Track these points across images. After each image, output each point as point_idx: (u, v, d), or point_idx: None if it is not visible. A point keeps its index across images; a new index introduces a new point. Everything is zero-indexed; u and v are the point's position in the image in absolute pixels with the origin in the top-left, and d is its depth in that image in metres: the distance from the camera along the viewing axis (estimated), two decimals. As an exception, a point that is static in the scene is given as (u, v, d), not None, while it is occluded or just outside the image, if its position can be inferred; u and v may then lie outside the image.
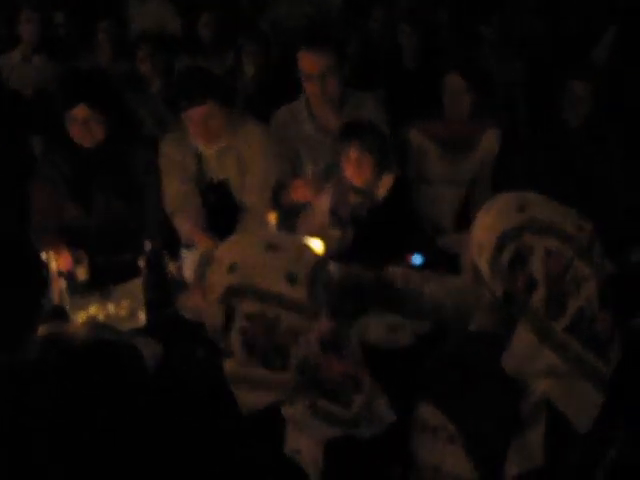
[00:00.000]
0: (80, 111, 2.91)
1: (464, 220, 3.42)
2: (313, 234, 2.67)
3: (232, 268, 1.48)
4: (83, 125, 2.92)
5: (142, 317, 2.51)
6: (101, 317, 2.52)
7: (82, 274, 2.78)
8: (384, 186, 2.98)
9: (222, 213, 3.17)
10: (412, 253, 2.65)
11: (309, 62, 3.20)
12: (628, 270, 2.69)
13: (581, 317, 1.49)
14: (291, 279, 1.45)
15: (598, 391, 1.49)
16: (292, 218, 3.09)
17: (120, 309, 2.56)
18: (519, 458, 1.48)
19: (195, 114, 2.96)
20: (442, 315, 2.15)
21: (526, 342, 1.50)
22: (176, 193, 3.10)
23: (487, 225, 1.57)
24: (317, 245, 2.56)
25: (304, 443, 1.47)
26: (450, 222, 3.45)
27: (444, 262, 2.66)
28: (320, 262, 1.53)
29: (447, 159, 3.49)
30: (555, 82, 3.60)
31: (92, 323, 2.34)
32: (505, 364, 1.52)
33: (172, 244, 2.84)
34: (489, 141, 3.48)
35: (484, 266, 1.55)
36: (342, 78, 3.26)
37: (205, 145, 3.09)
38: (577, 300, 1.49)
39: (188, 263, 2.66)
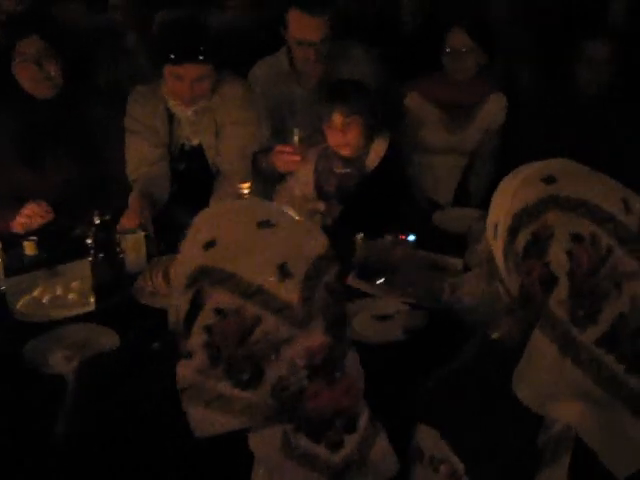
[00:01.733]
0: (32, 44, 2.52)
1: (464, 194, 3.16)
2: (293, 207, 2.33)
3: (210, 244, 1.12)
4: (36, 64, 2.53)
5: (93, 301, 2.18)
6: (45, 300, 2.18)
7: (31, 249, 2.45)
8: (375, 153, 2.69)
9: (194, 180, 2.85)
10: (406, 233, 2.33)
11: (309, 28, 2.88)
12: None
13: (621, 326, 1.14)
14: (283, 271, 1.09)
15: None
16: (270, 188, 2.77)
17: (69, 291, 2.23)
18: None
19: (189, 72, 2.62)
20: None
21: (543, 355, 1.15)
22: (142, 158, 2.76)
23: (505, 200, 1.21)
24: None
25: None
26: (448, 196, 3.20)
27: (440, 241, 2.47)
28: (326, 257, 1.15)
29: (448, 125, 3.20)
30: (567, 46, 3.24)
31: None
32: (516, 386, 1.17)
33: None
34: (494, 107, 3.21)
35: (498, 254, 1.21)
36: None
37: (183, 107, 2.75)
38: (616, 303, 1.13)
39: (128, 245, 2.32)
